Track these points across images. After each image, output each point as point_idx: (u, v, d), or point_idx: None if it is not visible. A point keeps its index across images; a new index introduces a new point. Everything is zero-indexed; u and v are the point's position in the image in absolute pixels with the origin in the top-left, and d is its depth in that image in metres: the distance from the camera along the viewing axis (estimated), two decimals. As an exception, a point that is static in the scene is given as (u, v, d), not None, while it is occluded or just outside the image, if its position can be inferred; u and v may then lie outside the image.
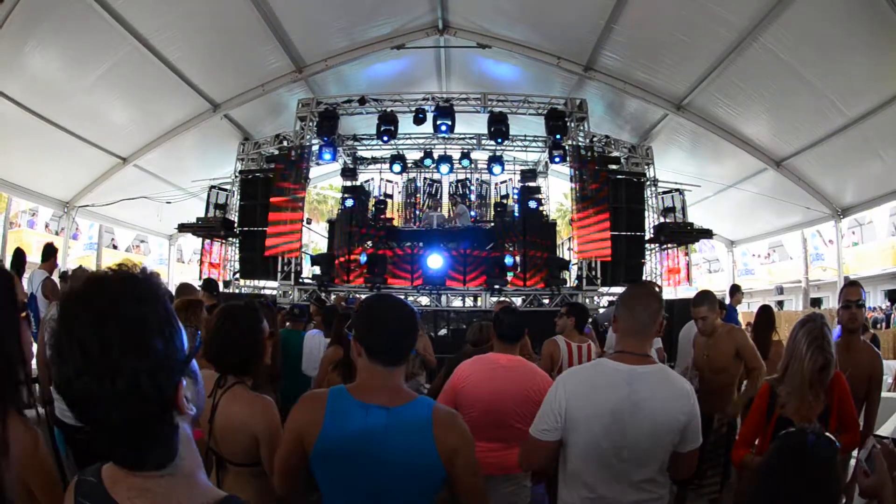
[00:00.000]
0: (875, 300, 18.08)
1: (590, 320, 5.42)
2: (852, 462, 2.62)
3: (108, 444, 0.81)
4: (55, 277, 5.72)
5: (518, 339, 3.18)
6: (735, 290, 7.31)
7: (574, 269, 11.12)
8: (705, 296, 4.16)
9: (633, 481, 2.00)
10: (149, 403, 0.78)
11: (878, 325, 14.83)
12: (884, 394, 6.70)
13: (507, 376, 2.92)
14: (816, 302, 17.81)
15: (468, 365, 3.03)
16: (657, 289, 4.43)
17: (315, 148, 11.57)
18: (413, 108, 11.11)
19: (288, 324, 5.61)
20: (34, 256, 7.58)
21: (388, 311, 1.72)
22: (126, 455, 0.82)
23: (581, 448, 2.03)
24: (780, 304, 19.41)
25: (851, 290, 3.35)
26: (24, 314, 1.62)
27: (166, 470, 0.83)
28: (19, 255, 5.67)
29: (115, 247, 19.12)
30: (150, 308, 0.80)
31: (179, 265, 18.55)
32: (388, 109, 11.19)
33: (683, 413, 2.00)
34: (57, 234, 15.59)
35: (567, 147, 11.27)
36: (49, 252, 5.69)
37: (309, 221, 13.20)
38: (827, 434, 1.51)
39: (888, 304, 17.84)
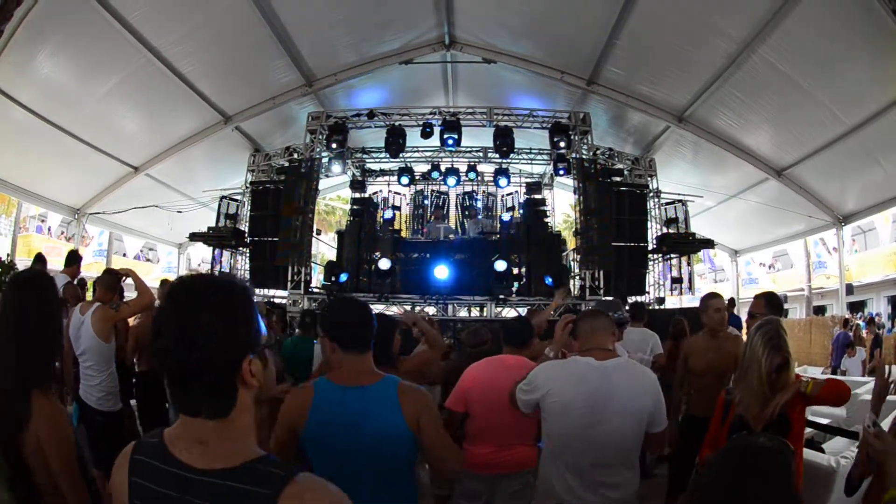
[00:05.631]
0: (878, 306, 17.94)
1: None
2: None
3: (179, 391, 1.04)
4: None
5: (525, 344, 3.33)
6: (731, 302, 7.62)
7: (577, 280, 11.21)
8: (716, 293, 4.19)
9: (607, 464, 2.31)
10: (215, 369, 1.01)
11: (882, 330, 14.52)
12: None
13: (508, 375, 2.97)
14: (820, 310, 17.68)
15: (476, 366, 3.21)
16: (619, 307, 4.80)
17: (324, 160, 11.78)
18: (420, 122, 11.28)
19: (298, 331, 5.69)
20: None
21: (348, 310, 2.12)
22: (189, 401, 1.03)
23: (560, 434, 2.37)
24: (785, 312, 19.28)
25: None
26: None
27: (218, 422, 1.02)
28: (41, 260, 5.90)
29: (123, 254, 19.23)
30: (242, 305, 1.07)
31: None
32: (396, 123, 11.37)
33: (651, 400, 2.36)
34: (68, 240, 15.79)
35: (571, 160, 11.43)
36: (73, 258, 5.92)
37: (318, 232, 13.36)
38: (780, 438, 1.72)
39: (890, 310, 17.74)
